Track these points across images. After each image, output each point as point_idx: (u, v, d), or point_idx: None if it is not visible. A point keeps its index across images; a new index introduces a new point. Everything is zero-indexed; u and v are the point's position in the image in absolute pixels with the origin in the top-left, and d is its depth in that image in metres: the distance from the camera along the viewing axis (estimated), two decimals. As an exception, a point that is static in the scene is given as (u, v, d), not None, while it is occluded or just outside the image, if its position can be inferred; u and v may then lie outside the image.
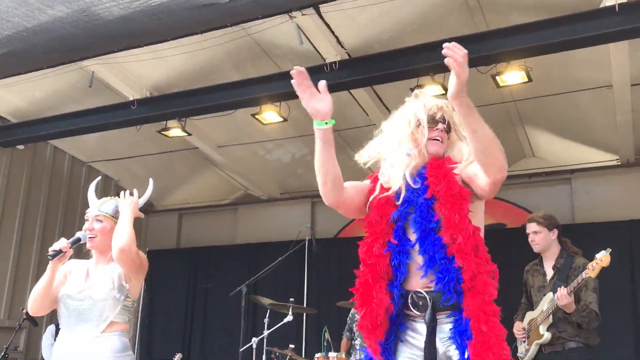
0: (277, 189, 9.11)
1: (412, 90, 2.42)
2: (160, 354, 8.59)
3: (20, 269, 7.21)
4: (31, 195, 7.44)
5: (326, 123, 2.13)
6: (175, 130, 6.82)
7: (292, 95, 5.94)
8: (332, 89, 2.04)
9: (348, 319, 5.80)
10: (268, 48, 6.02)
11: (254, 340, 5.20)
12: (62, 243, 2.70)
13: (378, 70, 5.49)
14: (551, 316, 3.69)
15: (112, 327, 2.66)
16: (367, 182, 2.31)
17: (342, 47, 5.61)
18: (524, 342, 3.88)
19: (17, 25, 4.97)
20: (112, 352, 2.62)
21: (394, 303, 2.12)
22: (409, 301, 2.12)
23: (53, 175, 7.81)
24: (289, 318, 5.38)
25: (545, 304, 3.76)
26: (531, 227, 4.03)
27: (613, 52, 5.23)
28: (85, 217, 2.86)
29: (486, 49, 5.04)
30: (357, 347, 4.73)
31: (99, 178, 3.11)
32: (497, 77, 5.51)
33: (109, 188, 8.71)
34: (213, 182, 9.20)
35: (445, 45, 1.86)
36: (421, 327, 2.12)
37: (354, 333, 5.47)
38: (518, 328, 3.93)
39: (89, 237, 2.78)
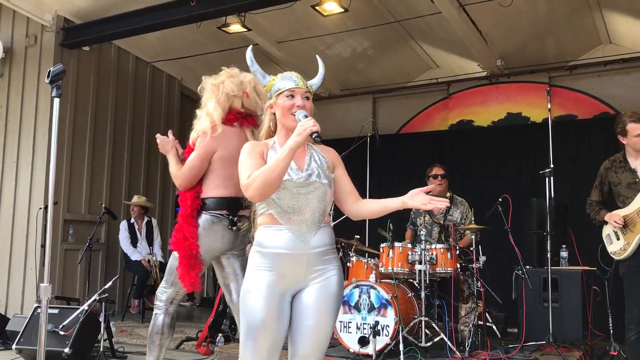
0: (337, 85, 9.01)
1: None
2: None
3: (96, 166, 7.58)
4: (100, 96, 7.66)
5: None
6: (235, 26, 6.75)
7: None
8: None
9: (412, 212, 5.87)
10: None
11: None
12: (316, 124, 2.26)
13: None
14: None
15: (326, 218, 2.43)
16: None
17: None
18: (618, 239, 3.84)
19: None
20: (332, 242, 2.44)
21: None
22: None
23: (119, 75, 7.97)
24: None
25: None
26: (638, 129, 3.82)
27: None
28: (289, 92, 2.40)
29: None
30: (422, 238, 4.81)
31: (251, 46, 2.64)
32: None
33: (174, 88, 8.86)
34: (274, 79, 9.15)
35: None
36: None
37: (418, 226, 5.56)
38: (617, 218, 3.82)
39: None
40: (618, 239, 3.85)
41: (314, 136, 2.24)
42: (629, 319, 3.76)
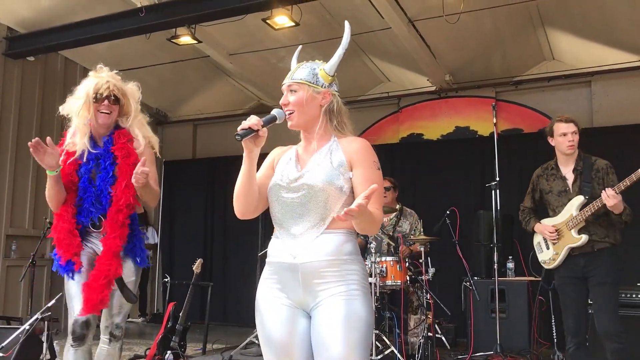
0: (290, 98, 9.01)
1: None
2: (181, 260, 8.89)
3: (41, 180, 7.24)
4: (45, 107, 7.44)
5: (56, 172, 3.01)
6: (185, 38, 6.70)
7: (303, -4, 5.82)
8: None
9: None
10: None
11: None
12: (252, 119, 2.04)
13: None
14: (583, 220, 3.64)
15: (335, 224, 2.06)
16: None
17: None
18: (547, 248, 3.84)
19: None
20: (340, 252, 2.05)
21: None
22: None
23: (66, 86, 7.74)
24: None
25: (573, 208, 3.70)
26: (571, 127, 3.80)
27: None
28: (283, 90, 2.28)
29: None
30: (372, 250, 4.84)
31: (300, 46, 2.51)
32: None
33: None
34: (226, 91, 9.12)
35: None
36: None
37: (369, 237, 5.59)
38: (549, 229, 3.78)
39: (288, 115, 2.21)
40: (548, 248, 3.84)
41: (235, 135, 1.99)
42: (567, 330, 3.76)
